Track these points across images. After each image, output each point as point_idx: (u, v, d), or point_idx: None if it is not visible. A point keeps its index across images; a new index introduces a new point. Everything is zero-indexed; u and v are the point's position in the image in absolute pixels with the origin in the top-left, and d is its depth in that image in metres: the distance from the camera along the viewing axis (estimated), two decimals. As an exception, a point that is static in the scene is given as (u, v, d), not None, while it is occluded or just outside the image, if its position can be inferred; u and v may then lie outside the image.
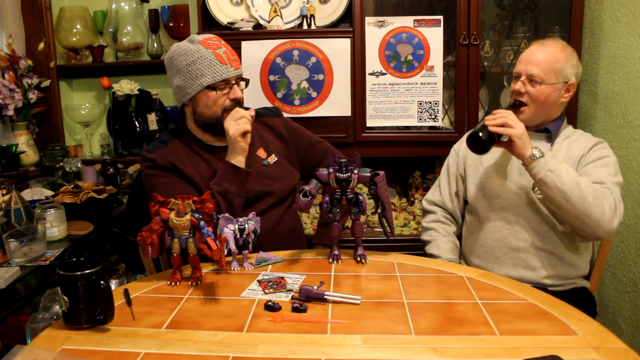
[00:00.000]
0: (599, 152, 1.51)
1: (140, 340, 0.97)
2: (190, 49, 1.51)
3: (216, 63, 1.49)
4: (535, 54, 1.52)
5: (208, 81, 1.49)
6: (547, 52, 1.51)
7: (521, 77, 1.53)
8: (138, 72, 2.84)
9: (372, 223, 2.29)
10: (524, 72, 1.52)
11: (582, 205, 1.36)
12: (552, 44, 1.54)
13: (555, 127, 1.58)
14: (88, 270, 1.00)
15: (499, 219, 1.57)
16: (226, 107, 1.52)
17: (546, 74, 1.50)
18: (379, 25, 2.15)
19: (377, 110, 2.20)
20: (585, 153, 1.52)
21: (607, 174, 1.46)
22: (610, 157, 1.51)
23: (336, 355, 0.92)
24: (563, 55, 1.52)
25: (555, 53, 1.51)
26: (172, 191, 1.45)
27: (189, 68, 1.50)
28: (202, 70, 1.49)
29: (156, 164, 1.53)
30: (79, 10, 2.79)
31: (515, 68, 1.57)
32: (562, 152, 1.55)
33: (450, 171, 1.73)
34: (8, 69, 2.44)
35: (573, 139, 1.57)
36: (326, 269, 1.34)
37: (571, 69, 1.53)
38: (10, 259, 1.56)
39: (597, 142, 1.55)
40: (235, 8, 2.25)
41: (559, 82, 1.51)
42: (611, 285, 2.07)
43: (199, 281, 1.25)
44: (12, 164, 2.30)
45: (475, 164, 1.66)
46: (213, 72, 1.49)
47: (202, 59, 1.49)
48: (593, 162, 1.49)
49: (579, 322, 1.04)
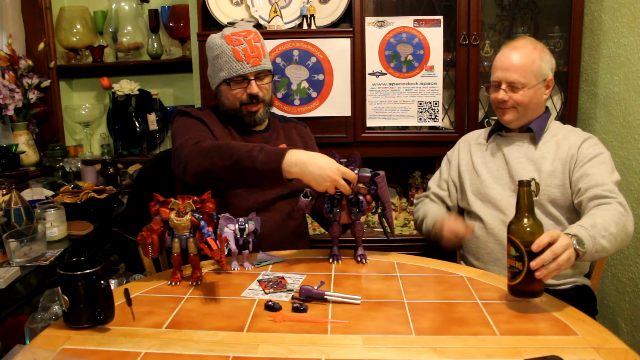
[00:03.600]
0: (592, 149, 1.49)
1: (141, 340, 0.97)
2: (216, 43, 1.57)
3: (232, 60, 1.54)
4: (509, 59, 1.51)
5: (225, 76, 1.55)
6: (522, 55, 1.50)
7: (502, 85, 1.52)
8: (138, 72, 2.84)
9: (372, 223, 2.29)
10: (504, 80, 1.51)
11: (620, 246, 1.33)
12: (523, 45, 1.52)
13: (538, 125, 1.57)
14: (88, 270, 1.00)
15: (497, 222, 1.57)
16: (243, 101, 1.57)
17: (526, 78, 1.49)
18: (379, 25, 2.15)
19: (377, 110, 2.20)
20: (575, 152, 1.50)
21: (606, 172, 1.44)
22: (604, 153, 1.49)
23: (336, 355, 0.92)
24: (537, 54, 1.50)
25: (529, 54, 1.50)
26: (194, 128, 1.51)
27: (213, 61, 1.59)
28: (221, 65, 1.56)
29: (189, 115, 1.59)
30: (79, 10, 2.79)
31: (492, 76, 1.56)
32: (550, 153, 1.54)
33: (442, 177, 1.76)
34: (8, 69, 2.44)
35: (561, 137, 1.56)
36: (326, 269, 1.35)
37: (547, 65, 1.52)
38: (10, 259, 1.56)
39: (586, 137, 1.53)
40: (235, 8, 2.25)
41: (539, 82, 1.51)
42: (611, 285, 2.07)
43: (199, 281, 1.25)
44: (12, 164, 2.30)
45: (469, 170, 1.68)
46: (229, 68, 1.54)
47: (222, 55, 1.55)
48: (590, 162, 1.47)
49: (579, 322, 1.04)
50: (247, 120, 1.60)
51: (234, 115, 1.61)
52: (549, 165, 1.53)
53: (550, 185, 1.52)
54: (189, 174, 1.40)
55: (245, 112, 1.58)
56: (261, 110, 1.60)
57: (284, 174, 1.29)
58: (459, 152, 1.74)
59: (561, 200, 1.52)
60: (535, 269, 1.06)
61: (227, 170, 1.34)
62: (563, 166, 1.51)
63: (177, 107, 1.79)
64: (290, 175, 1.29)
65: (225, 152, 1.35)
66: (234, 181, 1.37)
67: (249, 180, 1.34)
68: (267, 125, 1.70)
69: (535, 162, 1.55)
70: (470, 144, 1.72)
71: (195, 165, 1.38)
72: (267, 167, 1.29)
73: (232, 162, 1.33)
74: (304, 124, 1.81)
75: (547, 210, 1.53)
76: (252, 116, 1.59)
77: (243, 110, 1.58)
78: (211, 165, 1.35)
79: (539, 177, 1.53)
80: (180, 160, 1.42)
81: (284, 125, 1.75)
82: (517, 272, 1.09)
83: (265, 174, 1.30)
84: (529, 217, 1.11)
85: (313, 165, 1.27)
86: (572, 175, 1.49)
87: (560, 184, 1.51)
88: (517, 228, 1.10)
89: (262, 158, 1.30)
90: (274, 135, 1.69)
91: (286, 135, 1.72)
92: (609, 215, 1.31)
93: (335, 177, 1.26)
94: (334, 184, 1.27)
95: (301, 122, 1.81)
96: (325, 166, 1.27)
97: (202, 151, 1.38)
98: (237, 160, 1.32)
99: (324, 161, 1.28)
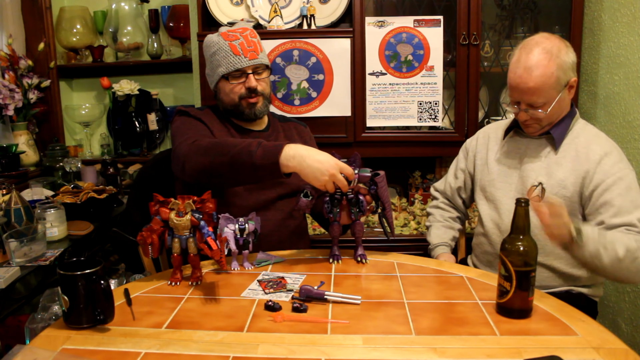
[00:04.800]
0: (615, 169, 1.37)
1: (141, 340, 0.97)
2: (213, 40, 1.59)
3: (230, 54, 1.55)
4: (525, 81, 1.38)
5: (223, 71, 1.56)
6: (537, 75, 1.36)
7: (521, 106, 1.43)
8: (138, 72, 2.84)
9: (372, 223, 2.29)
10: (522, 102, 1.42)
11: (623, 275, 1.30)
12: (537, 63, 1.36)
13: (560, 133, 1.47)
14: (88, 270, 1.00)
15: (493, 225, 1.56)
16: (242, 95, 1.58)
17: (545, 97, 1.39)
18: (379, 25, 2.15)
19: (377, 110, 2.20)
20: (593, 167, 1.39)
21: (633, 203, 1.33)
22: (629, 173, 1.38)
23: (336, 355, 0.92)
24: (553, 66, 1.36)
25: (544, 72, 1.36)
26: (194, 128, 1.52)
27: (211, 58, 1.60)
28: (219, 60, 1.57)
29: (188, 114, 1.60)
30: (79, 10, 2.79)
31: (510, 95, 1.46)
32: (567, 160, 1.45)
33: (458, 166, 1.72)
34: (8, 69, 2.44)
35: (582, 144, 1.45)
36: (326, 269, 1.34)
37: (566, 71, 1.39)
38: (10, 259, 1.56)
39: (607, 151, 1.41)
40: (235, 8, 2.25)
41: (560, 91, 1.40)
42: (611, 285, 2.07)
43: (199, 281, 1.25)
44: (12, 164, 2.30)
45: (482, 163, 1.63)
46: (227, 63, 1.55)
47: (220, 51, 1.56)
48: (613, 187, 1.35)
49: (579, 322, 1.04)
50: (247, 113, 1.59)
51: (234, 111, 1.61)
52: (562, 173, 1.44)
53: (558, 194, 1.43)
54: (187, 172, 1.40)
55: (245, 104, 1.58)
56: (260, 103, 1.60)
57: (281, 168, 1.28)
58: (477, 143, 1.67)
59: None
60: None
61: (225, 166, 1.34)
62: (576, 179, 1.42)
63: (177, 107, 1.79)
64: (288, 169, 1.29)
65: (222, 148, 1.35)
66: (232, 177, 1.36)
67: (247, 176, 1.33)
68: (267, 125, 1.70)
69: (548, 166, 1.47)
70: (490, 136, 1.64)
71: (194, 163, 1.38)
72: (265, 161, 1.29)
73: (229, 158, 1.32)
74: (304, 124, 1.81)
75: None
76: (252, 108, 1.59)
77: (243, 103, 1.58)
78: (209, 162, 1.35)
79: (547, 183, 1.46)
80: (179, 159, 1.42)
81: (283, 125, 1.75)
82: (505, 291, 1.07)
83: (263, 168, 1.29)
84: (524, 238, 1.08)
85: (311, 159, 1.27)
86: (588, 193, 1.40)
87: (569, 196, 1.43)
88: (510, 248, 1.08)
89: (260, 152, 1.29)
90: (273, 134, 1.69)
91: (286, 135, 1.73)
92: (626, 239, 1.27)
93: (333, 172, 1.26)
94: (332, 178, 1.27)
95: (301, 122, 1.81)
96: (324, 160, 1.27)
97: (199, 149, 1.38)
98: (234, 156, 1.32)
99: (322, 156, 1.28)
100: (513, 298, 1.06)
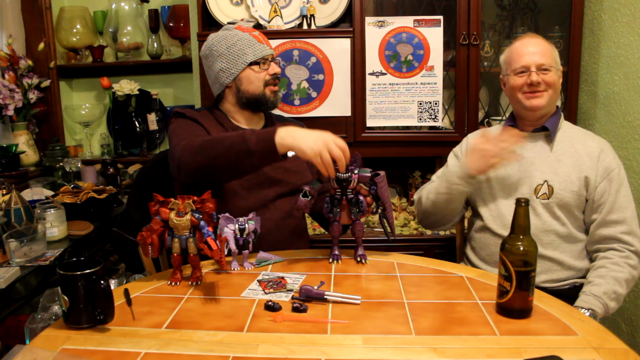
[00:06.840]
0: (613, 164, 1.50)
1: (140, 340, 0.97)
2: (228, 34, 1.61)
3: (255, 42, 1.59)
4: (532, 45, 1.54)
5: (251, 58, 1.58)
6: (540, 43, 1.54)
7: (531, 68, 1.51)
8: (138, 72, 2.85)
9: (372, 223, 2.29)
10: (533, 63, 1.51)
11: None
12: (535, 36, 1.58)
13: (553, 123, 1.55)
14: (88, 270, 1.00)
15: (499, 225, 1.56)
16: (267, 81, 1.61)
17: (551, 61, 1.52)
18: (379, 25, 2.15)
19: (377, 110, 2.20)
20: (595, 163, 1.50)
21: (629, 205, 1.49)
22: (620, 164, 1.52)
23: (336, 355, 0.92)
24: (551, 44, 1.56)
25: (545, 42, 1.55)
26: (189, 129, 1.53)
27: (230, 50, 1.59)
28: (243, 49, 1.58)
29: (184, 116, 1.61)
30: (79, 10, 2.79)
31: (516, 64, 1.54)
32: (566, 156, 1.52)
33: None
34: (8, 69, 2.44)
35: (576, 139, 1.54)
36: (326, 269, 1.34)
37: (558, 58, 1.56)
38: (10, 259, 1.56)
39: (602, 146, 1.53)
40: (235, 8, 2.25)
41: (558, 68, 1.54)
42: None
43: (199, 281, 1.25)
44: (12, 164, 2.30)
45: None
46: (254, 50, 1.58)
47: (242, 40, 1.59)
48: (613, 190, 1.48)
49: (579, 322, 1.04)
50: (272, 101, 1.63)
51: (259, 100, 1.62)
52: (566, 169, 1.51)
53: (565, 189, 1.50)
54: (183, 173, 1.40)
55: (269, 92, 1.62)
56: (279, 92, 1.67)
57: (278, 148, 1.29)
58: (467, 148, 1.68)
59: (572, 206, 1.50)
60: None
61: (222, 159, 1.33)
62: (580, 173, 1.50)
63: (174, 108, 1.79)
64: (284, 147, 1.29)
65: (216, 143, 1.35)
66: (230, 170, 1.36)
67: (244, 164, 1.33)
68: (265, 124, 1.70)
69: (550, 164, 1.53)
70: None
71: (189, 162, 1.37)
72: (261, 145, 1.30)
73: (225, 150, 1.33)
74: (301, 124, 1.81)
75: (555, 214, 1.51)
76: (275, 95, 1.64)
77: (267, 91, 1.61)
78: (205, 159, 1.35)
79: (553, 180, 1.51)
80: (174, 161, 1.43)
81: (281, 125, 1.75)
82: (505, 291, 1.07)
83: (260, 153, 1.30)
84: (524, 238, 1.07)
85: (305, 132, 1.30)
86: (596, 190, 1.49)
87: (576, 190, 1.50)
88: (510, 248, 1.08)
89: (255, 138, 1.31)
90: None
91: None
92: (621, 276, 1.43)
93: (327, 139, 1.28)
94: (327, 146, 1.27)
95: (299, 121, 1.81)
96: (318, 132, 1.30)
97: (193, 148, 1.38)
98: (229, 147, 1.32)
99: (316, 132, 1.31)
100: (513, 298, 1.06)
